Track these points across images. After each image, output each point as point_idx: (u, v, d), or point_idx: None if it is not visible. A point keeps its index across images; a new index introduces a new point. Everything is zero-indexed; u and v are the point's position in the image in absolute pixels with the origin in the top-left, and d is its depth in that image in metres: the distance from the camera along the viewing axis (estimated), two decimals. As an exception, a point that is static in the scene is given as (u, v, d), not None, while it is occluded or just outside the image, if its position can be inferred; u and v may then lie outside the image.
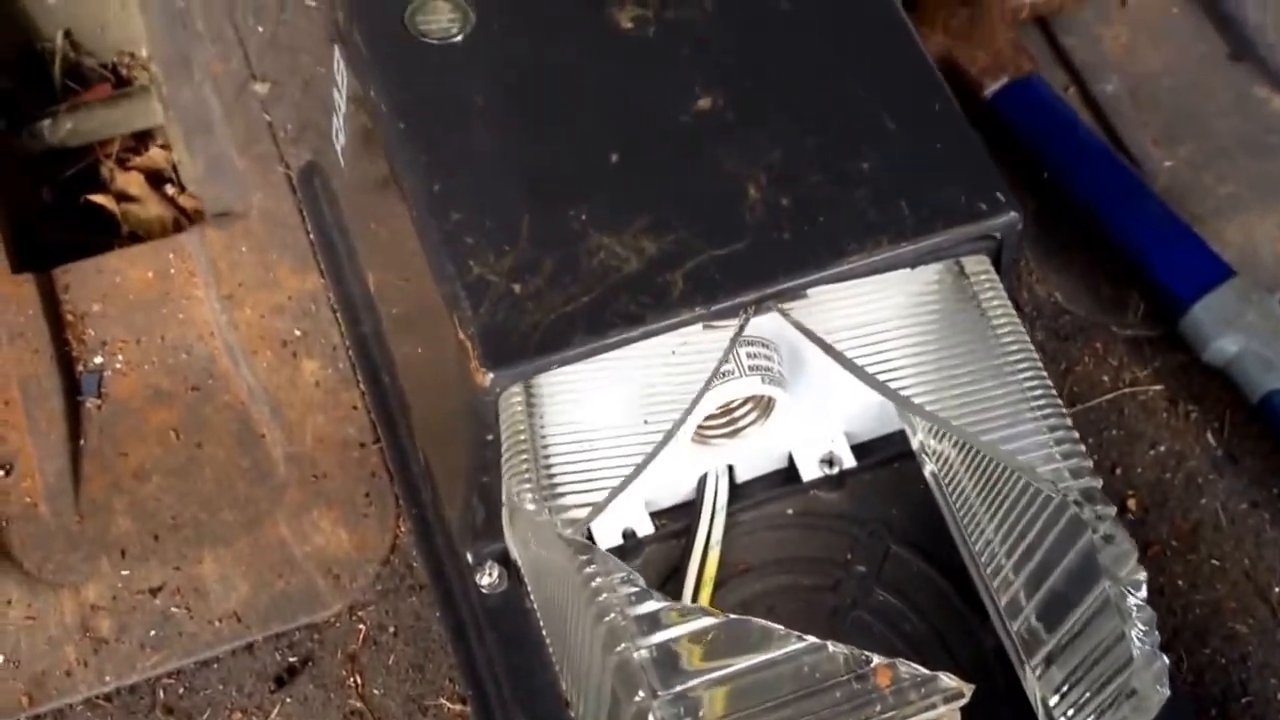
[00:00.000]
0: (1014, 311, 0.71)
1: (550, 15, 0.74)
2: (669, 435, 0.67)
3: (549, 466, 0.67)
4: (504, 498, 0.69)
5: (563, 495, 0.67)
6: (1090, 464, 0.68)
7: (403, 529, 0.86)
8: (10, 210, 1.02)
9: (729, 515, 0.79)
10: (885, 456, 0.82)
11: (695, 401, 0.67)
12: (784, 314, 0.68)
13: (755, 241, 0.67)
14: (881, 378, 0.70)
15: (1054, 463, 0.69)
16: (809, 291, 0.68)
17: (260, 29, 1.04)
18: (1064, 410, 0.70)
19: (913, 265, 0.69)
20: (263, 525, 0.88)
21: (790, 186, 0.69)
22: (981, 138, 0.72)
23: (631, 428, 0.70)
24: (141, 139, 1.15)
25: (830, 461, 0.82)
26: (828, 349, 0.68)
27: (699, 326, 0.67)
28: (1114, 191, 0.95)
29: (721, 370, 0.68)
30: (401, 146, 0.69)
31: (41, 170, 1.13)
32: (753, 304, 0.67)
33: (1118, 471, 0.89)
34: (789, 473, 0.82)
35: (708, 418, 0.74)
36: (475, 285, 0.66)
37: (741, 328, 0.67)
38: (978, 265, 0.71)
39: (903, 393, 0.70)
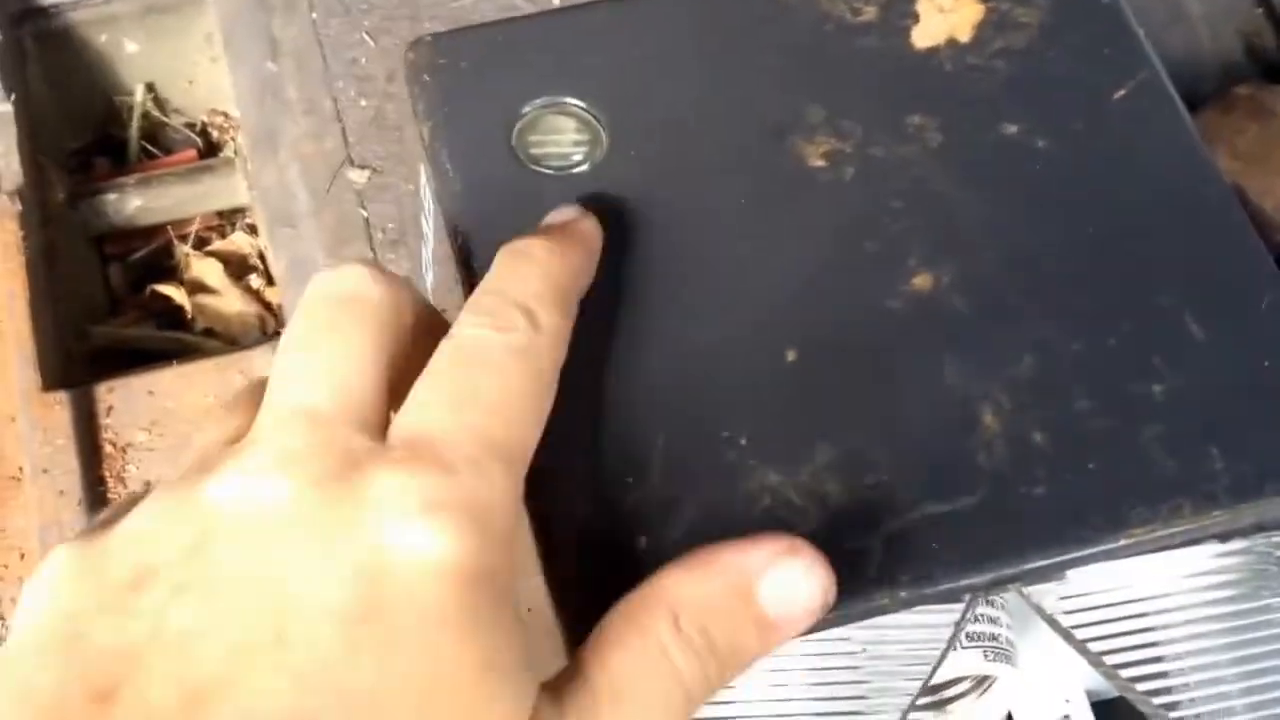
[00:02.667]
0: (1358, 606, 0.49)
1: (711, 142, 0.53)
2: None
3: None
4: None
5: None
6: None
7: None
8: (54, 304, 0.85)
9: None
10: (1133, 721, 0.60)
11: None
12: (1026, 599, 0.47)
13: (991, 495, 0.47)
14: (1160, 693, 0.48)
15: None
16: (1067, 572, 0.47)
17: (363, 102, 0.86)
18: None
19: (1221, 539, 0.48)
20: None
21: (1046, 414, 0.48)
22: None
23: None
24: (229, 217, 0.98)
25: (1061, 729, 0.61)
26: (1083, 650, 0.47)
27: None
28: None
29: (934, 670, 0.48)
30: (498, 322, 0.50)
31: (115, 248, 0.97)
32: (983, 588, 0.46)
33: None
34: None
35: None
36: (583, 532, 0.46)
37: (964, 619, 0.47)
38: (1309, 537, 0.49)
39: (1179, 710, 0.49)
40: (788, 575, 0.42)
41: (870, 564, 0.45)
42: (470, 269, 0.52)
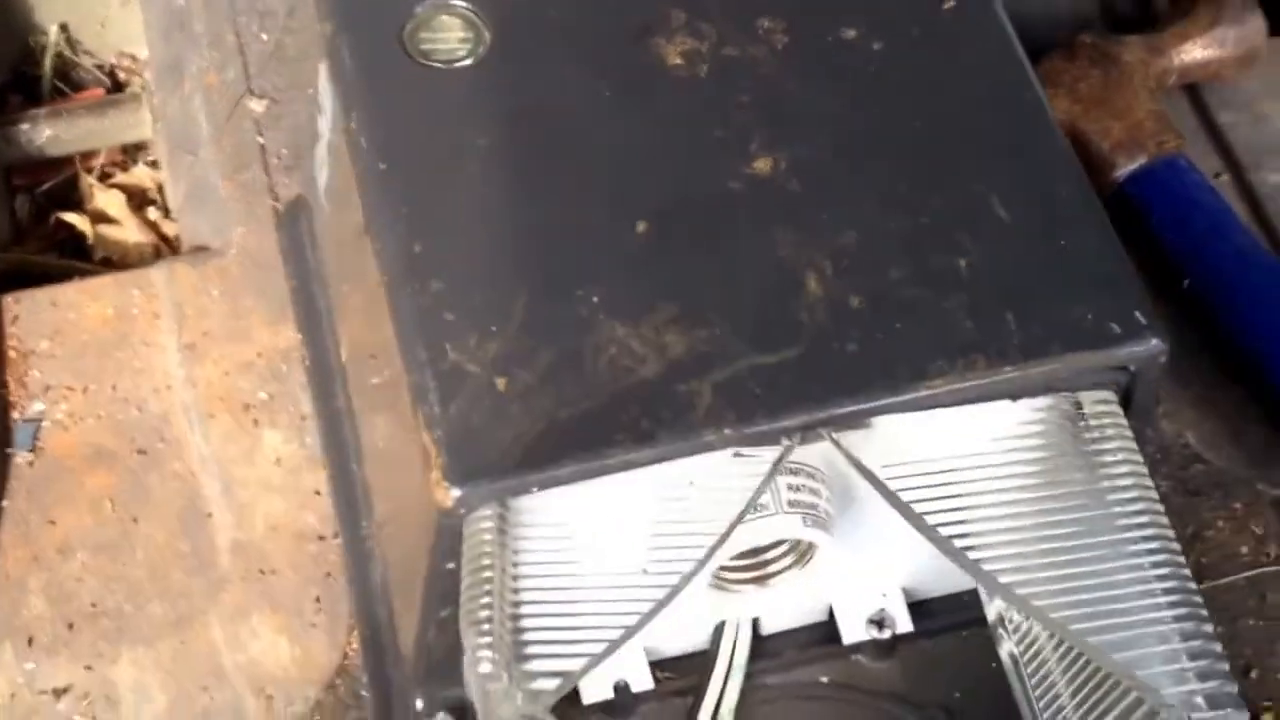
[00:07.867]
0: (1143, 467, 0.55)
1: (583, 40, 0.59)
2: (675, 590, 0.51)
3: (520, 616, 0.52)
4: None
5: (533, 656, 0.51)
6: (1225, 666, 0.53)
7: (354, 647, 0.71)
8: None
9: (748, 676, 0.63)
10: (951, 622, 0.65)
11: (715, 547, 0.52)
12: (837, 444, 0.53)
13: (810, 349, 0.52)
14: (957, 537, 0.54)
15: (1176, 662, 0.53)
16: (874, 419, 0.53)
17: (264, 36, 0.91)
18: (1196, 592, 0.54)
19: (1014, 397, 0.54)
20: (194, 625, 0.73)
21: (863, 282, 0.54)
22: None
23: (630, 571, 0.54)
24: (133, 153, 1.02)
25: (880, 622, 0.65)
26: (893, 499, 0.53)
27: (728, 451, 0.52)
28: (1275, 310, 0.77)
29: (753, 504, 0.53)
30: (380, 191, 0.55)
31: (22, 179, 1.01)
32: (799, 430, 0.52)
33: (1253, 675, 0.70)
34: (828, 629, 0.66)
35: (730, 559, 0.59)
36: (449, 375, 0.51)
37: (782, 458, 0.52)
38: (1099, 403, 0.55)
39: (986, 561, 0.54)
40: None
41: (700, 405, 0.51)
42: (360, 154, 0.57)
